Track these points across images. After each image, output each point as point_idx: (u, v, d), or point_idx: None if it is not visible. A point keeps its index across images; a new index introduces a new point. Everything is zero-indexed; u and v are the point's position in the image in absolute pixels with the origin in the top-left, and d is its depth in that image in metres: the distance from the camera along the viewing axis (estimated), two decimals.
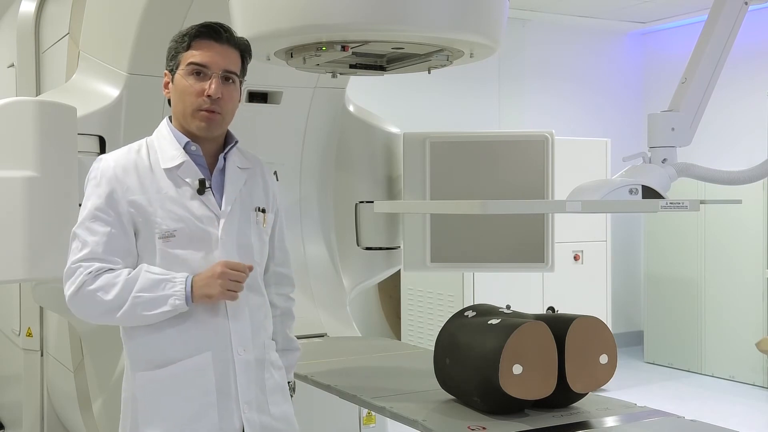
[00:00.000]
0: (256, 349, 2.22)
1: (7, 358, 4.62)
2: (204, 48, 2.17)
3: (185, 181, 2.16)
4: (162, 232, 2.13)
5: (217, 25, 2.21)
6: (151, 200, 2.14)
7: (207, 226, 2.16)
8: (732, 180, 2.50)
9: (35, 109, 2.95)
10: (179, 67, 2.18)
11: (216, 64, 2.16)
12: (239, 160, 2.28)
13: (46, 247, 2.92)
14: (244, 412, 2.17)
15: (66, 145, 3.05)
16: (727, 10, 2.43)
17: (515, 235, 3.74)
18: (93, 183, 2.18)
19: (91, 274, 2.09)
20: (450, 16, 2.50)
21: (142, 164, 2.17)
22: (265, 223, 2.30)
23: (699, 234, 7.00)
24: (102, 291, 2.08)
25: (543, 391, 2.41)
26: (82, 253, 2.11)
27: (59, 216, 2.99)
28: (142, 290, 2.08)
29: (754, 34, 6.95)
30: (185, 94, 2.16)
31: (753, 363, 6.60)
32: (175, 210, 2.14)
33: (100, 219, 2.12)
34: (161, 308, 2.08)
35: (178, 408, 2.13)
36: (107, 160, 2.19)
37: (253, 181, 2.30)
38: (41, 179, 2.91)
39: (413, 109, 7.00)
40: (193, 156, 2.19)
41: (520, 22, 7.58)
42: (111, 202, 2.13)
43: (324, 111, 3.90)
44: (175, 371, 2.14)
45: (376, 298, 7.11)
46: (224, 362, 2.16)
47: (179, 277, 2.10)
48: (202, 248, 2.15)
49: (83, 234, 2.13)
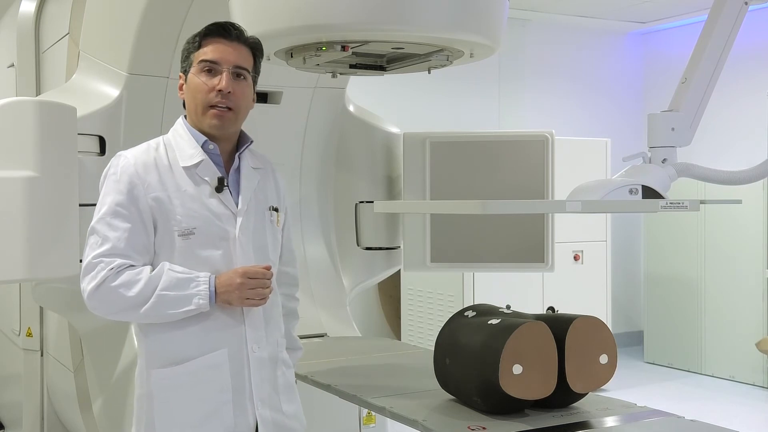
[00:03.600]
0: (270, 346, 2.25)
1: (7, 358, 4.62)
2: (214, 45, 2.19)
3: (204, 179, 2.19)
4: (182, 230, 2.15)
5: (228, 23, 2.24)
6: (171, 197, 2.15)
7: (225, 224, 2.18)
8: (732, 180, 2.50)
9: (35, 109, 2.95)
10: (191, 67, 2.21)
11: (226, 60, 2.18)
12: (251, 160, 2.31)
13: (46, 247, 2.92)
14: (258, 409, 2.20)
15: (66, 145, 3.05)
16: (727, 10, 2.43)
17: (515, 235, 3.74)
18: (113, 179, 2.18)
19: (113, 270, 2.10)
20: (450, 16, 2.50)
21: (161, 162, 2.19)
22: (279, 223, 2.33)
23: (699, 234, 7.00)
24: (124, 287, 2.09)
25: (543, 391, 2.41)
26: (103, 248, 2.12)
27: (59, 216, 2.99)
28: (167, 288, 2.10)
29: (754, 34, 6.95)
30: (197, 91, 2.19)
31: (753, 363, 6.60)
32: (195, 207, 2.16)
33: (120, 215, 2.13)
34: (186, 307, 2.10)
35: (194, 405, 2.15)
36: (127, 157, 2.20)
37: (265, 181, 2.33)
38: (41, 179, 2.91)
39: (413, 109, 7.00)
40: (211, 155, 2.22)
41: (520, 22, 7.58)
42: (132, 199, 2.14)
43: (324, 111, 3.90)
44: (191, 368, 2.15)
45: (376, 298, 7.10)
46: (239, 359, 2.18)
47: (203, 276, 2.12)
48: (221, 246, 2.18)
49: (103, 229, 2.13)
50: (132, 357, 3.31)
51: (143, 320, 2.18)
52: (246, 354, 2.19)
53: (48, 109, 3.00)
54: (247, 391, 2.19)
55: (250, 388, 2.19)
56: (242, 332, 2.19)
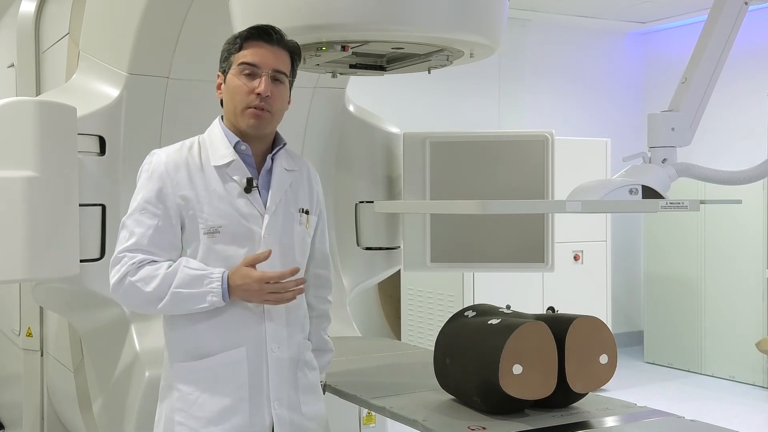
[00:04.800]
0: (291, 347, 2.28)
1: (7, 358, 4.62)
2: (255, 48, 2.22)
3: (233, 179, 2.23)
4: (207, 228, 2.19)
5: (269, 27, 2.27)
6: (199, 196, 2.20)
7: (251, 224, 2.22)
8: (732, 180, 2.50)
9: (35, 109, 2.95)
10: (231, 68, 2.24)
11: (266, 64, 2.21)
12: (286, 162, 2.34)
13: (46, 247, 2.92)
14: (275, 409, 2.23)
15: (66, 145, 3.05)
16: (727, 10, 2.43)
17: (515, 235, 3.74)
18: (145, 176, 2.25)
19: (134, 264, 2.17)
20: (450, 16, 2.50)
21: (192, 161, 2.24)
22: (308, 225, 2.35)
23: (699, 234, 7.00)
24: (142, 282, 2.16)
25: (543, 391, 2.41)
26: (129, 243, 2.19)
27: (59, 216, 2.99)
28: (181, 286, 2.15)
29: (754, 34, 6.95)
30: (236, 93, 2.22)
31: (753, 363, 6.60)
32: (222, 207, 2.20)
33: (148, 211, 2.20)
34: (200, 305, 2.16)
35: (211, 400, 2.20)
36: (159, 155, 2.26)
37: (298, 183, 2.36)
38: (41, 179, 2.91)
39: (413, 109, 7.00)
40: (243, 155, 2.26)
41: (520, 22, 7.58)
42: (161, 197, 2.20)
43: (324, 111, 3.90)
44: (210, 364, 2.20)
45: (376, 298, 7.10)
46: (258, 358, 2.22)
47: (216, 273, 2.16)
48: (246, 245, 2.21)
49: (131, 225, 2.21)
50: (132, 357, 3.31)
51: (164, 313, 2.25)
52: (265, 353, 2.23)
53: (48, 109, 3.00)
54: (264, 390, 2.22)
55: (267, 388, 2.23)
56: (263, 331, 2.23)
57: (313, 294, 2.47)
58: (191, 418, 2.20)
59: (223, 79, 2.28)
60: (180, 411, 2.22)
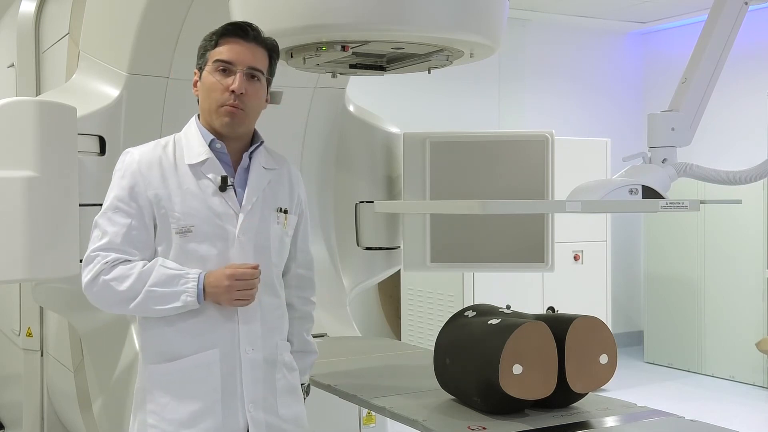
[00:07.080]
0: (266, 349, 2.23)
1: (7, 358, 4.62)
2: (230, 45, 2.19)
3: (208, 178, 2.19)
4: (179, 227, 2.16)
5: (245, 24, 2.24)
6: (171, 195, 2.17)
7: (225, 223, 2.18)
8: (732, 180, 2.50)
9: (35, 109, 2.95)
10: (206, 65, 2.21)
11: (241, 61, 2.18)
12: (265, 160, 2.29)
13: (46, 247, 2.92)
14: (249, 411, 2.18)
15: (66, 145, 3.05)
16: (727, 10, 2.43)
17: (515, 235, 3.74)
18: (118, 175, 2.22)
19: (108, 263, 2.13)
20: (450, 16, 2.50)
21: (166, 160, 2.20)
22: (286, 224, 2.30)
23: (699, 234, 7.00)
24: (116, 281, 2.12)
25: (543, 391, 2.41)
26: (101, 242, 2.16)
27: (59, 216, 2.99)
28: (156, 284, 2.11)
29: (754, 34, 6.95)
30: (211, 90, 2.19)
31: (753, 363, 6.60)
32: (195, 205, 2.17)
33: (121, 210, 2.17)
34: (173, 303, 2.12)
35: (184, 402, 2.16)
36: (133, 154, 2.23)
37: (278, 182, 2.32)
38: (41, 179, 2.91)
39: (413, 109, 7.00)
40: (218, 153, 2.22)
41: (520, 22, 7.58)
42: (133, 195, 2.17)
43: (324, 111, 3.90)
44: (182, 366, 2.17)
45: (376, 298, 7.10)
46: (231, 360, 2.18)
47: (192, 273, 2.13)
48: (218, 245, 2.17)
49: (104, 224, 2.18)
50: (132, 357, 3.31)
51: (137, 314, 2.20)
52: (239, 355, 2.18)
53: (48, 109, 3.00)
54: (238, 392, 2.18)
55: (241, 390, 2.18)
56: (236, 333, 2.18)
57: (296, 295, 2.41)
58: (163, 421, 2.16)
59: (199, 77, 2.24)
60: (153, 413, 2.18)
